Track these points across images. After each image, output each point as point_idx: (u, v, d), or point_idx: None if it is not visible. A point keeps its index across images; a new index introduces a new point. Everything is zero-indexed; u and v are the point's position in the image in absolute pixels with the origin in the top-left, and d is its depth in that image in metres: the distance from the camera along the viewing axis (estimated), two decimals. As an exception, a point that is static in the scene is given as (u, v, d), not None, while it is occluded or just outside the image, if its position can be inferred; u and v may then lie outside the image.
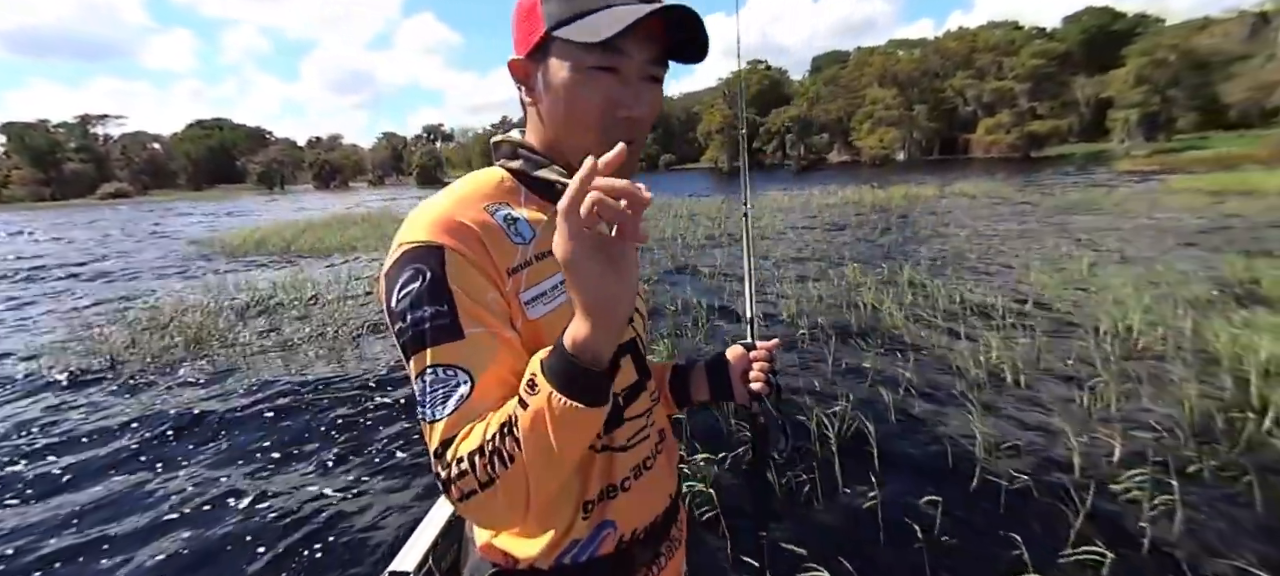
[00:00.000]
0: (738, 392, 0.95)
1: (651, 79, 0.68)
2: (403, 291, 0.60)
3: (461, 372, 0.58)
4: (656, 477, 0.82)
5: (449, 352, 0.59)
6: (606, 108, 0.65)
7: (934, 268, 7.32)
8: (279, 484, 3.20)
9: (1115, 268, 6.50)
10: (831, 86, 64.51)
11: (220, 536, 2.78)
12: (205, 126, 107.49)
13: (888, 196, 17.52)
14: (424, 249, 0.61)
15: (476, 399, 0.58)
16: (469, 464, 0.55)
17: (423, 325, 0.59)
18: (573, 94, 0.65)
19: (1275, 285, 5.32)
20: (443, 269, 0.60)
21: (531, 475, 0.55)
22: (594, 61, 0.64)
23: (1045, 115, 48.25)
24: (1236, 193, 13.30)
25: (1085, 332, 4.45)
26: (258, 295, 7.68)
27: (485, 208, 0.68)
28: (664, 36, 0.66)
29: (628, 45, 0.63)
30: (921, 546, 2.32)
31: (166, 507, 3.02)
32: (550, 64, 0.66)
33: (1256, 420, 2.98)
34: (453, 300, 0.60)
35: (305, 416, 4.03)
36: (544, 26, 0.65)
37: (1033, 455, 2.91)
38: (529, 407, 0.54)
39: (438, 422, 0.58)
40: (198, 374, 4.95)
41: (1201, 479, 2.60)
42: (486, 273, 0.63)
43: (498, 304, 0.64)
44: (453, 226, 0.63)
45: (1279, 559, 2.13)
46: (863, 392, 3.74)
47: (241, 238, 15.30)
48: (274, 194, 74.49)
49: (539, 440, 0.54)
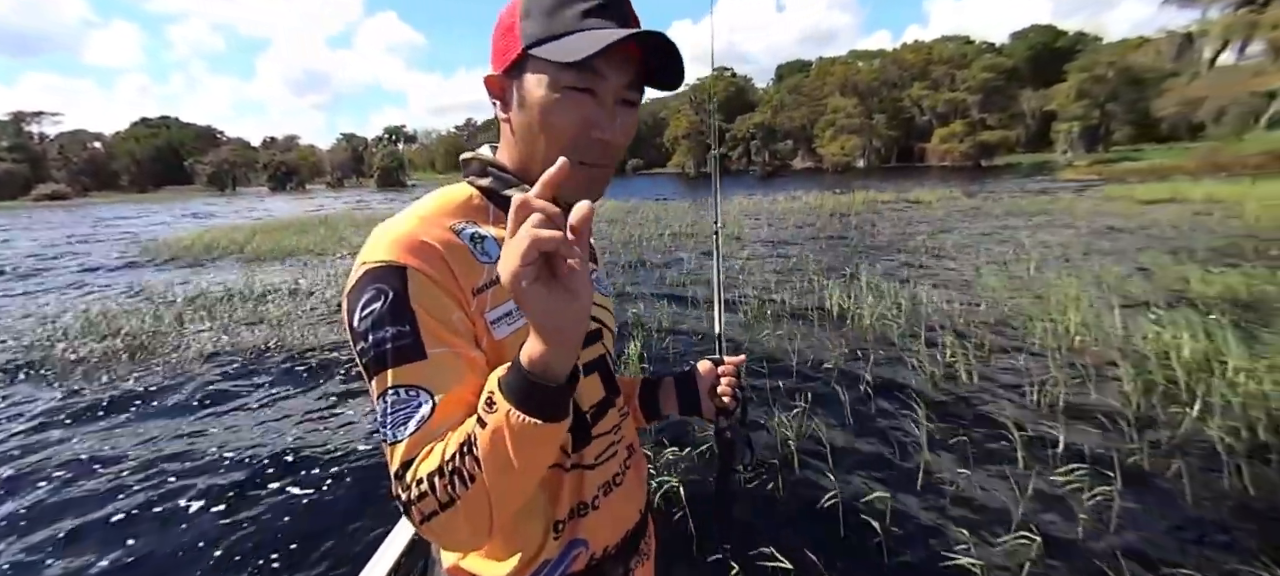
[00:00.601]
0: (705, 407, 0.97)
1: (626, 103, 0.68)
2: (365, 311, 0.59)
3: (423, 393, 0.58)
4: (626, 493, 0.82)
5: (410, 373, 0.58)
6: (581, 128, 0.65)
7: (892, 270, 7.55)
8: (230, 502, 3.05)
9: (1058, 270, 6.84)
10: (795, 94, 65.98)
11: (165, 556, 2.64)
12: (151, 125, 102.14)
13: (849, 202, 18.02)
14: (386, 269, 0.60)
15: (437, 419, 0.57)
16: (429, 485, 0.55)
17: (384, 345, 0.58)
18: (548, 112, 0.65)
19: (1199, 287, 5.69)
20: (405, 288, 0.59)
21: (493, 493, 0.54)
22: (570, 82, 0.64)
23: (995, 126, 50.53)
24: (1166, 201, 14.20)
25: (1031, 332, 4.66)
26: (207, 299, 7.33)
27: (451, 226, 0.67)
28: (640, 61, 0.67)
29: (604, 68, 0.64)
30: (879, 540, 2.38)
31: (105, 525, 2.85)
32: (526, 81, 0.66)
33: (1182, 413, 3.18)
34: (415, 320, 0.59)
35: (258, 430, 3.86)
36: (521, 44, 0.65)
37: (980, 450, 3.03)
38: (487, 425, 0.53)
39: (398, 444, 0.57)
40: (140, 383, 4.69)
41: (1138, 469, 2.76)
42: (450, 292, 0.62)
43: (462, 323, 0.63)
44: (416, 245, 0.62)
45: (1205, 542, 2.27)
46: (823, 392, 3.83)
47: (190, 239, 14.60)
48: (225, 196, 71.39)
49: (499, 458, 0.53)
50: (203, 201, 53.63)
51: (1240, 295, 5.37)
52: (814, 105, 62.18)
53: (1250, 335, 4.11)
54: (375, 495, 3.02)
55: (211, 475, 3.28)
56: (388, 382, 0.58)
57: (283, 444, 3.61)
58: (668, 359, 4.79)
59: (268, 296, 7.66)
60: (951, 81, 54.40)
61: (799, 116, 62.95)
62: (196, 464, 3.41)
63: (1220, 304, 5.13)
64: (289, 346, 5.51)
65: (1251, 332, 4.19)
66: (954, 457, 2.96)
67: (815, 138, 60.63)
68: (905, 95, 57.98)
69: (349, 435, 3.69)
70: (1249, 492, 2.56)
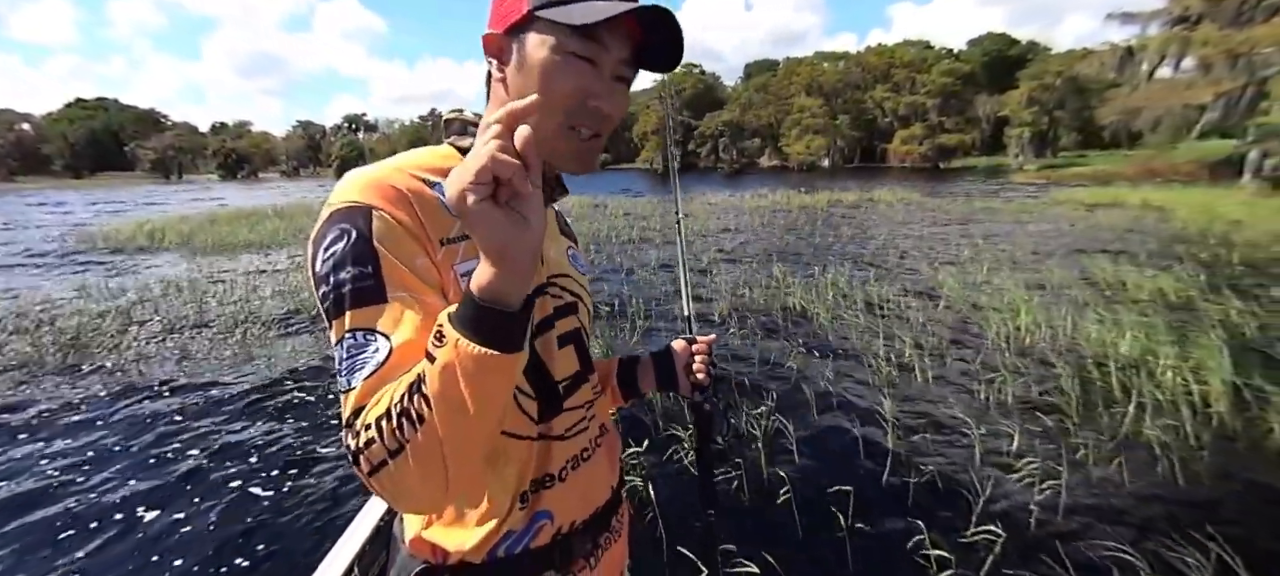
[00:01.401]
0: (681, 383, 1.00)
1: (621, 79, 0.69)
2: (327, 252, 0.58)
3: (380, 337, 0.56)
4: (596, 469, 0.82)
5: (369, 315, 0.56)
6: (580, 95, 0.65)
7: (854, 269, 7.76)
8: (185, 498, 2.90)
9: (1009, 271, 7.16)
10: (762, 93, 66.89)
11: (119, 557, 2.49)
12: (87, 106, 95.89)
13: (814, 201, 18.40)
14: (352, 209, 0.59)
15: (392, 365, 0.55)
16: (377, 430, 0.52)
17: (343, 287, 0.57)
18: (548, 74, 0.65)
19: (1135, 288, 6.05)
20: (369, 229, 0.58)
21: (446, 438, 0.51)
22: (575, 48, 0.64)
23: (952, 129, 52.43)
24: (1108, 205, 15.03)
25: (985, 331, 4.86)
26: (150, 294, 6.95)
27: (425, 180, 0.66)
28: (640, 39, 0.67)
29: (608, 39, 0.64)
30: (842, 535, 2.45)
31: (50, 527, 2.67)
32: (529, 42, 0.66)
33: (1120, 409, 3.38)
34: (378, 261, 0.57)
35: (210, 422, 3.69)
36: (528, 4, 0.65)
37: (939, 446, 3.15)
38: (437, 360, 0.50)
39: (351, 391, 0.55)
40: (77, 381, 4.41)
41: (1083, 462, 2.91)
42: (417, 237, 0.61)
43: (427, 270, 0.61)
44: (384, 188, 0.61)
45: (1145, 529, 2.42)
46: (787, 390, 3.90)
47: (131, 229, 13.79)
48: (171, 184, 67.65)
49: (450, 395, 0.50)
50: (146, 189, 50.74)
51: (1171, 297, 5.73)
52: (780, 104, 63.21)
53: (1181, 335, 4.39)
54: (336, 493, 2.93)
55: (159, 476, 3.12)
56: (346, 326, 0.56)
57: (236, 441, 3.46)
58: (640, 345, 4.79)
59: (215, 291, 7.31)
60: (912, 85, 56.13)
61: (766, 115, 63.88)
62: (142, 465, 3.23)
63: (1154, 304, 5.47)
64: (239, 342, 5.28)
65: (1181, 332, 4.48)
66: (914, 452, 3.07)
67: (781, 136, 61.65)
68: (868, 97, 59.55)
69: (305, 431, 3.56)
70: (1178, 483, 2.74)
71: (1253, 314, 5.02)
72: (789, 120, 60.56)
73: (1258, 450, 3.02)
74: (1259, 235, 9.39)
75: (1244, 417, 3.29)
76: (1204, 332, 4.38)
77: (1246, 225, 10.46)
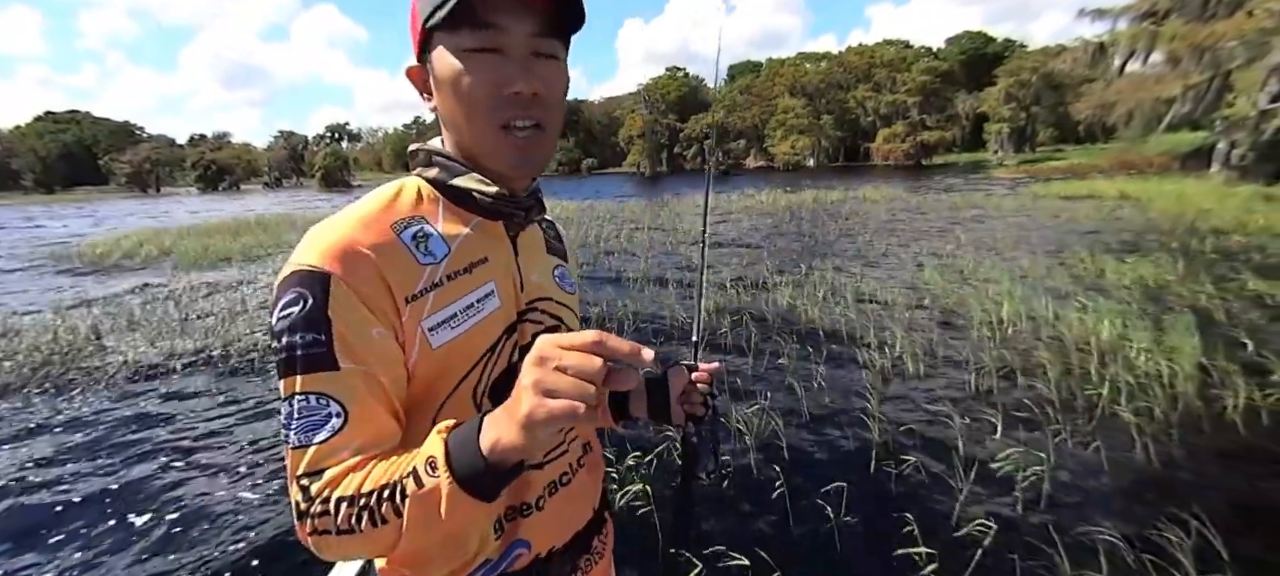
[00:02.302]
0: (675, 413, 0.90)
1: (543, 55, 0.65)
2: (283, 312, 0.58)
3: (335, 404, 0.57)
4: (576, 492, 0.80)
5: (320, 381, 0.57)
6: (494, 88, 0.63)
7: (841, 265, 7.85)
8: (164, 526, 2.86)
9: (993, 264, 7.29)
10: (747, 94, 67.31)
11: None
12: (58, 119, 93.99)
13: (800, 200, 18.56)
14: (310, 274, 0.59)
15: (348, 434, 0.57)
16: (333, 509, 0.54)
17: (295, 351, 0.57)
18: (458, 82, 0.63)
19: (1114, 277, 6.20)
20: (325, 297, 0.58)
21: (407, 538, 0.53)
22: (470, 44, 0.62)
23: (933, 127, 53.14)
24: (1085, 197, 15.34)
25: (970, 324, 4.95)
26: (126, 310, 6.82)
27: (392, 225, 0.65)
28: (547, 9, 0.63)
29: (502, 20, 0.61)
30: (831, 527, 2.49)
31: (31, 554, 2.62)
32: (434, 61, 0.65)
33: (1098, 396, 3.47)
34: (330, 331, 0.57)
35: (188, 451, 3.64)
36: (421, 24, 0.64)
37: (926, 438, 3.20)
38: (424, 487, 0.51)
39: (306, 449, 0.56)
40: (51, 406, 4.33)
41: (1063, 449, 2.99)
42: (374, 306, 0.60)
43: (381, 341, 0.61)
44: (346, 252, 0.60)
45: (1125, 515, 2.49)
46: (777, 386, 3.95)
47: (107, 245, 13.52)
48: (149, 197, 66.34)
49: (427, 518, 0.52)
50: (122, 203, 49.73)
51: (1148, 284, 5.88)
52: (765, 105, 63.66)
53: (1155, 322, 4.51)
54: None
55: (135, 501, 3.07)
56: (296, 387, 0.57)
57: (217, 465, 3.42)
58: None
59: (196, 306, 7.20)
60: (893, 84, 56.81)
61: (751, 116, 64.28)
62: (117, 491, 3.18)
63: (1131, 292, 5.61)
64: (220, 360, 5.21)
65: (1156, 319, 4.61)
66: (902, 445, 3.12)
67: (767, 137, 62.08)
68: (850, 96, 60.18)
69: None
70: (1154, 465, 2.82)
71: (1222, 298, 5.17)
72: (773, 120, 61.03)
73: (1221, 427, 3.12)
74: (1227, 223, 9.67)
75: (1208, 396, 3.40)
76: (1177, 317, 4.51)
77: (1215, 213, 10.75)
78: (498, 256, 0.73)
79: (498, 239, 0.74)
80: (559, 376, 0.47)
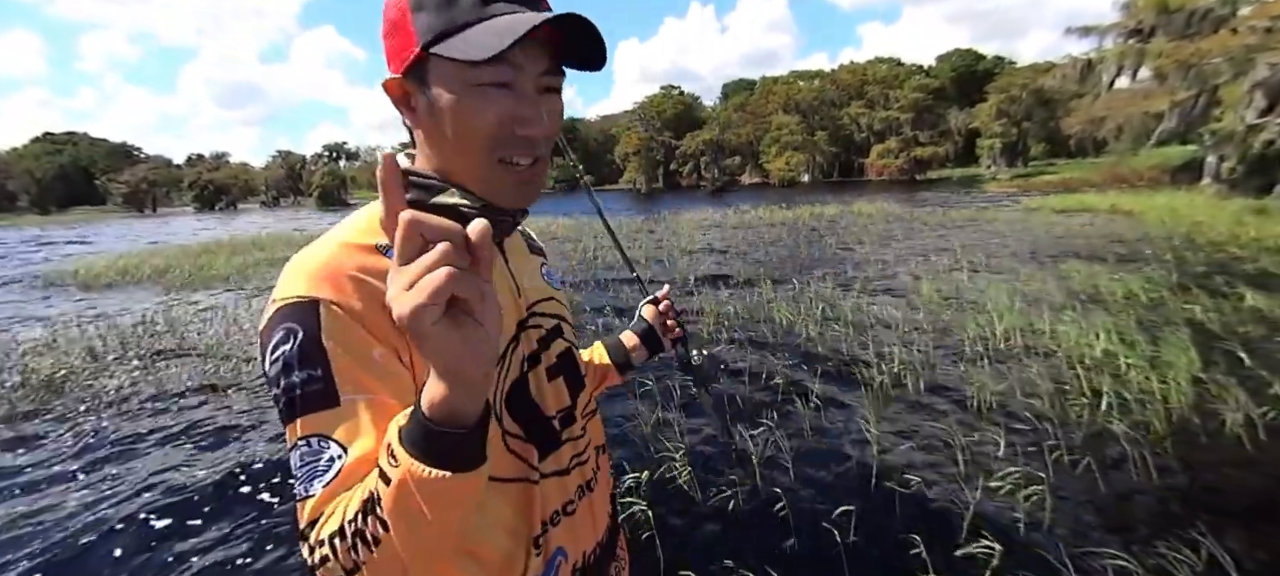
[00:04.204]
0: (665, 343, 1.13)
1: (550, 90, 0.63)
2: (274, 354, 0.55)
3: (334, 445, 0.53)
4: (597, 499, 0.80)
5: (320, 421, 0.54)
6: (502, 126, 0.60)
7: (838, 280, 7.87)
8: (162, 560, 2.82)
9: (988, 278, 7.33)
10: (741, 112, 68.01)
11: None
12: (56, 141, 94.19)
13: (796, 215, 18.66)
14: (297, 305, 0.56)
15: (348, 474, 0.52)
16: (330, 548, 0.49)
17: (294, 392, 0.54)
18: (461, 115, 0.59)
19: (1109, 289, 6.23)
20: (317, 327, 0.55)
21: (406, 554, 0.48)
22: (483, 78, 0.58)
23: (926, 142, 53.69)
24: (1077, 211, 15.48)
25: (966, 338, 4.96)
26: (121, 331, 6.78)
27: (378, 247, 0.62)
28: (558, 43, 0.62)
29: (519, 57, 0.58)
30: (839, 549, 2.46)
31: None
32: (431, 83, 0.60)
33: (1094, 411, 3.47)
34: (328, 362, 0.54)
35: (186, 479, 3.60)
36: (418, 42, 0.58)
37: (929, 456, 3.19)
38: (392, 481, 0.46)
39: (307, 500, 0.53)
40: (45, 428, 4.28)
41: (1061, 465, 2.98)
42: (372, 326, 0.57)
43: (386, 361, 0.57)
44: (332, 276, 0.57)
45: (1130, 528, 2.48)
46: (779, 404, 3.93)
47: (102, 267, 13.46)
48: (145, 218, 66.25)
49: (409, 515, 0.46)
50: (118, 223, 49.67)
51: (1141, 297, 5.91)
52: (759, 123, 64.28)
53: (1152, 336, 4.53)
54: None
55: (133, 532, 3.03)
56: (298, 432, 0.54)
57: (217, 493, 3.37)
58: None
59: (191, 326, 7.17)
60: (886, 100, 57.53)
61: (745, 133, 64.87)
62: (116, 518, 3.14)
63: (1126, 305, 5.63)
64: (219, 382, 5.17)
65: (1150, 332, 4.62)
66: (904, 463, 3.11)
67: (762, 154, 62.58)
68: (844, 113, 60.88)
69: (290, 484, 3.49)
70: (1152, 480, 2.81)
71: (1217, 311, 5.20)
72: (768, 137, 61.58)
73: (1220, 442, 3.12)
74: (1220, 235, 9.75)
75: (1206, 410, 3.40)
76: (1173, 331, 4.52)
77: (1208, 226, 10.84)
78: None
79: None
80: (403, 281, 0.40)
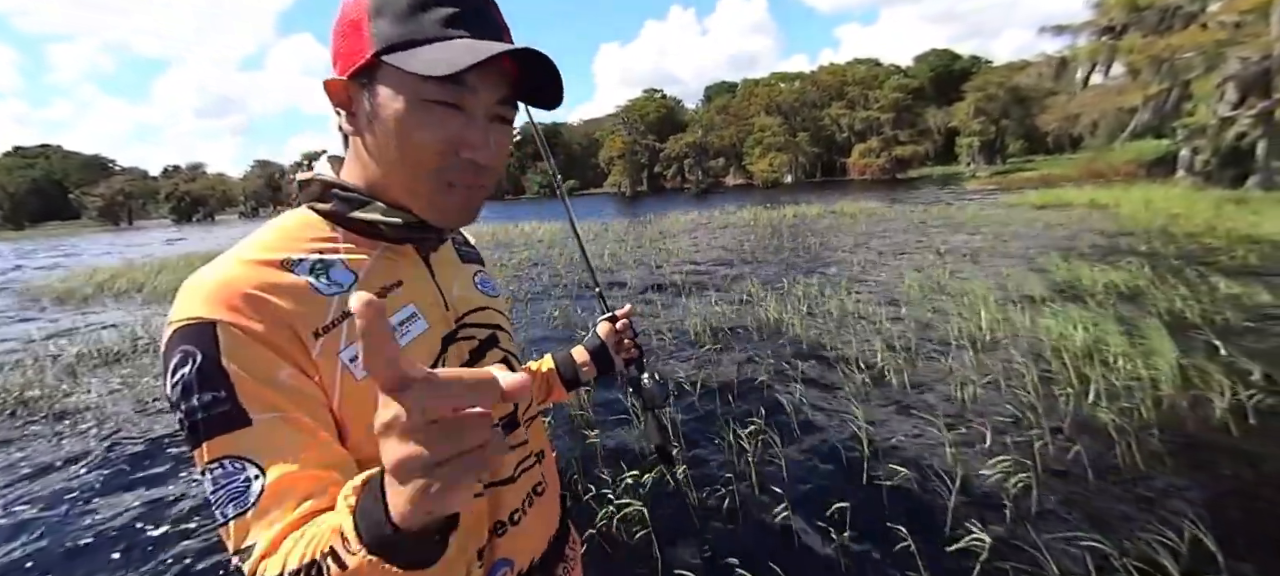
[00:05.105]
0: (617, 363, 1.07)
1: (500, 120, 0.62)
2: (174, 378, 0.52)
3: (250, 466, 0.50)
4: (547, 501, 0.78)
5: (231, 443, 0.51)
6: (448, 147, 0.58)
7: (823, 279, 7.90)
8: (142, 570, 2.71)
9: (969, 273, 7.40)
10: (723, 114, 68.45)
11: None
12: (27, 155, 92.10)
13: (780, 216, 18.76)
14: (192, 327, 0.52)
15: (270, 497, 0.50)
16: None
17: (195, 415, 0.51)
18: (407, 128, 0.57)
19: (1088, 283, 6.32)
20: (216, 348, 0.51)
21: None
22: (435, 94, 0.56)
23: (907, 141, 54.45)
24: (1055, 206, 15.75)
25: (949, 333, 4.99)
26: (102, 348, 6.59)
27: (283, 263, 0.58)
28: (515, 77, 0.61)
29: (474, 81, 0.57)
30: (835, 544, 2.44)
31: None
32: (379, 91, 0.58)
33: (1078, 400, 3.49)
34: (230, 384, 0.51)
35: (167, 500, 3.48)
36: (372, 48, 0.57)
37: (917, 449, 3.18)
38: (347, 567, 0.43)
39: (229, 524, 0.50)
40: (22, 450, 4.12)
41: (1047, 454, 2.98)
42: (278, 346, 0.54)
43: (294, 381, 0.54)
44: (229, 295, 0.53)
45: (1112, 520, 2.48)
46: (770, 403, 3.91)
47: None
48: (121, 231, 64.82)
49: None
50: (94, 237, 48.58)
51: (1121, 288, 6.00)
52: (741, 124, 64.75)
53: (1130, 325, 4.59)
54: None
55: (116, 553, 2.91)
56: (206, 457, 0.51)
57: (191, 513, 3.27)
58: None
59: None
60: (866, 101, 58.27)
61: (728, 135, 65.28)
62: (96, 541, 3.02)
63: (1105, 297, 5.71)
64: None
65: (1131, 322, 4.69)
66: (893, 457, 3.09)
67: (745, 155, 63.01)
68: (825, 114, 61.52)
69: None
70: (1139, 467, 2.82)
71: (1196, 299, 5.29)
72: (751, 139, 62.05)
73: (1203, 429, 3.15)
74: (1195, 226, 9.97)
75: (1191, 397, 3.45)
76: (1153, 319, 4.59)
77: (1183, 218, 11.08)
78: (413, 279, 0.68)
79: (409, 261, 0.68)
80: (416, 449, 0.36)
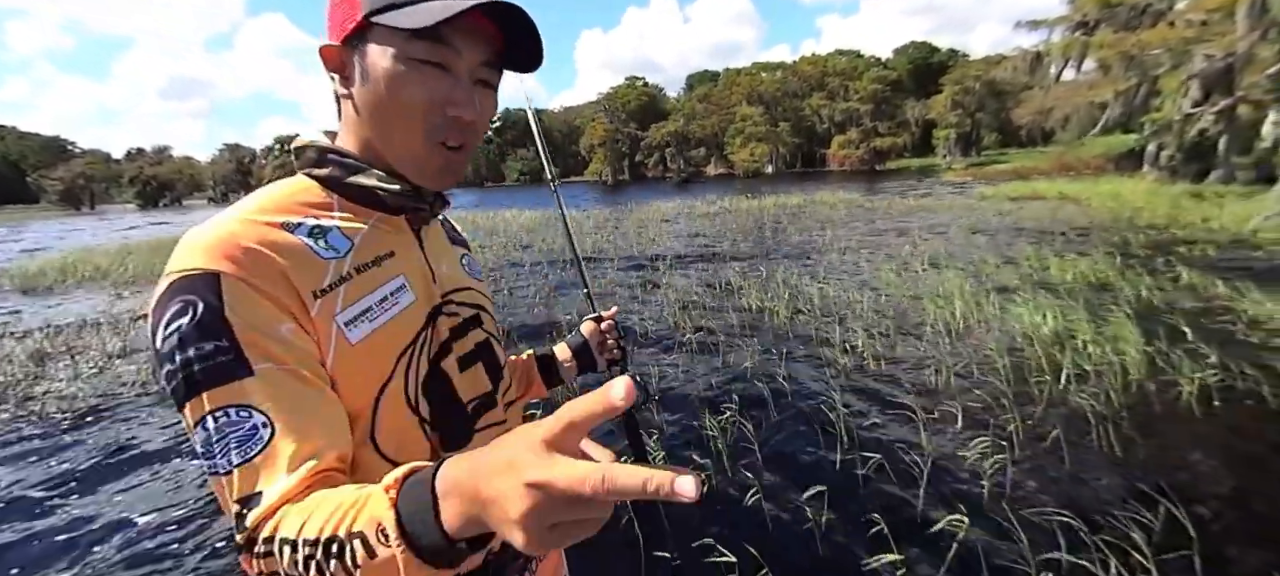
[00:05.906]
0: (599, 364, 1.06)
1: (484, 84, 0.64)
2: (169, 328, 0.50)
3: (256, 414, 0.49)
4: None
5: (235, 392, 0.49)
6: (433, 104, 0.60)
7: (804, 269, 7.97)
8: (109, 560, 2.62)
9: (945, 263, 7.53)
10: (705, 103, 68.35)
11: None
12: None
13: (761, 205, 18.86)
14: (195, 277, 0.51)
15: (277, 447, 0.49)
16: (279, 551, 0.46)
17: (192, 366, 0.49)
18: (395, 86, 0.59)
19: (1058, 273, 6.49)
20: (219, 299, 0.51)
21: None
22: (421, 54, 0.59)
23: (885, 133, 55.11)
24: (1028, 198, 16.12)
25: (925, 320, 5.07)
26: (68, 334, 6.33)
27: (284, 224, 0.59)
28: (498, 40, 0.63)
29: (457, 41, 0.59)
30: (810, 527, 2.47)
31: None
32: (369, 52, 0.60)
33: (1050, 384, 3.59)
34: (233, 334, 0.50)
35: (139, 488, 3.36)
36: (362, 11, 0.59)
37: (892, 432, 3.24)
38: (377, 558, 0.42)
39: (231, 474, 0.49)
40: None
41: (1023, 436, 3.06)
42: (279, 302, 0.54)
43: (295, 337, 0.54)
44: (232, 248, 0.53)
45: (1084, 499, 2.55)
46: (746, 390, 3.93)
47: (33, 269, 12.57)
48: (83, 215, 62.32)
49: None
50: (56, 223, 46.66)
51: (1090, 278, 6.17)
52: (723, 114, 64.75)
53: (1101, 314, 4.72)
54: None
55: (86, 545, 2.81)
56: (205, 407, 0.49)
57: (169, 502, 3.17)
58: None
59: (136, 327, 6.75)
60: (846, 92, 58.73)
61: (710, 125, 65.25)
62: (66, 534, 2.91)
63: (1074, 287, 5.87)
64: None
65: (1099, 311, 4.82)
66: (870, 441, 3.14)
67: (726, 145, 63.10)
68: (806, 104, 61.87)
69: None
70: (1114, 450, 2.91)
71: (1160, 288, 5.47)
72: (732, 128, 62.12)
73: (1171, 411, 3.27)
74: (1159, 219, 10.31)
75: (1158, 381, 3.56)
76: (1120, 308, 4.73)
77: (1147, 211, 11.44)
78: (404, 251, 0.69)
79: (401, 233, 0.70)
80: (555, 512, 0.35)
